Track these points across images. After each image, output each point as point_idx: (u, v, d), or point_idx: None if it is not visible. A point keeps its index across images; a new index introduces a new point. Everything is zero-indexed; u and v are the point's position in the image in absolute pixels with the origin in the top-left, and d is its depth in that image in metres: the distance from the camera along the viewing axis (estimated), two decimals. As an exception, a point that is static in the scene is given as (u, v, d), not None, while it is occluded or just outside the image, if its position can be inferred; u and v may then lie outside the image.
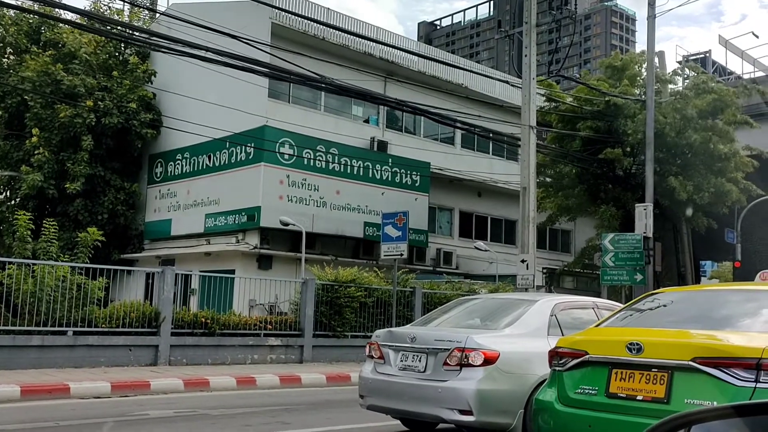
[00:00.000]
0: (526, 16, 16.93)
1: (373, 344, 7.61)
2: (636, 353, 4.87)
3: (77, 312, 12.35)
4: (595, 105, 23.15)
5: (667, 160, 22.55)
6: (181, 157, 25.29)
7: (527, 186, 16.49)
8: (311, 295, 15.47)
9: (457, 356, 6.72)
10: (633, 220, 18.81)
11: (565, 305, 7.79)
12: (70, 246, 16.34)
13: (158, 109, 25.86)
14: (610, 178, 24.10)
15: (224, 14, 21.02)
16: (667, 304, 5.88)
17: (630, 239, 18.04)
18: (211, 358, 13.78)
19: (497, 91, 28.62)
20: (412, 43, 31.91)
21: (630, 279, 17.96)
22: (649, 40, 20.33)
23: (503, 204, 29.57)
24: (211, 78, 20.60)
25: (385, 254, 16.50)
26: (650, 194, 19.18)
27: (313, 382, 12.66)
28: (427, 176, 26.22)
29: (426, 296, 17.67)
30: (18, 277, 11.91)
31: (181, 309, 14.07)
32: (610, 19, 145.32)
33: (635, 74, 24.06)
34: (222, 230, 23.24)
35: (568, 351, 5.38)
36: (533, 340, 7.05)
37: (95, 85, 24.18)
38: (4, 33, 24.98)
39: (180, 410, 9.19)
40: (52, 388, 9.85)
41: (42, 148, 23.45)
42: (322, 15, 24.03)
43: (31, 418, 8.18)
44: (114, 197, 24.91)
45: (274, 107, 23.19)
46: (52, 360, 11.79)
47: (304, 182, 22.96)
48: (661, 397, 4.71)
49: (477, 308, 8.23)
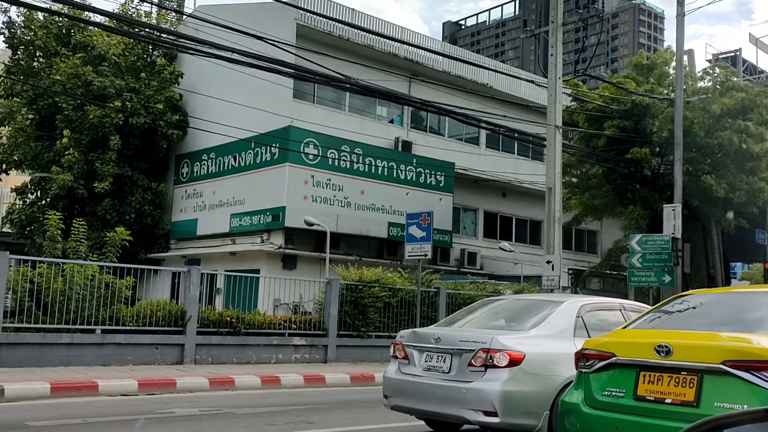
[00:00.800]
0: (553, 15, 16.80)
1: (397, 344, 7.59)
2: (665, 356, 4.80)
3: (105, 310, 12.49)
4: (622, 104, 22.92)
5: (698, 159, 22.26)
6: (207, 158, 25.49)
7: (553, 186, 16.36)
8: (335, 295, 15.49)
9: (482, 357, 6.68)
10: (661, 220, 18.57)
11: (592, 306, 7.72)
12: (99, 245, 16.54)
13: (184, 109, 26.09)
14: (638, 178, 23.82)
15: (250, 16, 21.16)
16: (697, 306, 5.80)
17: (658, 240, 17.81)
18: (236, 357, 13.86)
19: (522, 91, 28.46)
20: (437, 43, 31.85)
21: (658, 280, 17.73)
22: (678, 38, 20.06)
23: (528, 204, 29.39)
24: (236, 79, 20.76)
25: (410, 255, 16.47)
26: (679, 194, 18.92)
27: (337, 381, 12.68)
28: (451, 176, 26.14)
29: (450, 297, 17.61)
30: (48, 276, 12.08)
31: (206, 308, 14.18)
32: (638, 18, 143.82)
33: (663, 73, 23.77)
34: (247, 230, 23.37)
35: (595, 353, 5.32)
36: (559, 341, 6.99)
37: (123, 86, 24.47)
38: (34, 37, 25.35)
39: (205, 409, 9.26)
40: (81, 386, 9.98)
41: (72, 148, 23.78)
42: (347, 16, 24.08)
43: (60, 415, 8.29)
44: (141, 197, 25.19)
45: (299, 108, 23.28)
46: (80, 358, 11.95)
47: (329, 182, 23.01)
48: (690, 401, 4.64)
49: (502, 309, 8.18)
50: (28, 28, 25.31)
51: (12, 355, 11.28)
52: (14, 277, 11.94)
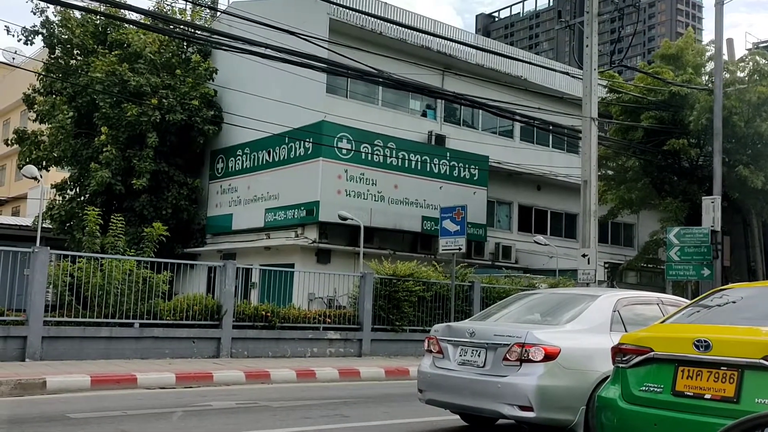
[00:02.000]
0: (588, 6, 16.57)
1: (431, 339, 7.58)
2: (704, 351, 4.72)
3: (143, 305, 12.69)
4: (659, 95, 22.52)
5: (737, 150, 21.81)
6: (242, 153, 25.72)
7: (588, 179, 16.17)
8: (369, 289, 15.53)
9: (517, 351, 6.64)
10: (700, 213, 18.25)
11: (629, 301, 7.62)
12: (136, 240, 16.80)
13: (219, 105, 26.34)
14: (675, 170, 23.43)
15: (283, 11, 21.25)
16: (737, 301, 5.68)
17: (696, 233, 17.51)
18: (272, 350, 13.98)
19: (557, 83, 28.16)
20: (470, 36, 31.64)
21: (697, 274, 17.43)
22: (717, 27, 19.66)
23: (563, 197, 29.10)
24: (270, 74, 20.89)
25: (443, 248, 16.43)
26: (718, 186, 18.57)
27: (372, 375, 12.71)
28: (485, 170, 25.99)
29: (485, 291, 17.54)
30: (87, 271, 12.30)
31: (242, 302, 14.33)
32: (676, 6, 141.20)
33: (699, 63, 23.28)
34: (281, 225, 23.54)
35: (633, 347, 5.26)
36: (595, 336, 6.92)
37: (159, 83, 24.79)
38: (71, 35, 25.78)
39: (241, 401, 9.35)
40: (120, 378, 10.16)
41: (110, 145, 24.17)
42: (379, 10, 24.05)
43: (100, 407, 8.45)
44: (177, 192, 25.51)
45: (332, 102, 23.34)
46: (119, 351, 12.17)
47: (362, 177, 23.05)
48: (730, 396, 4.56)
49: (537, 303, 8.12)
50: (66, 26, 25.74)
51: (53, 348, 11.53)
52: (55, 272, 12.20)
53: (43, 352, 11.37)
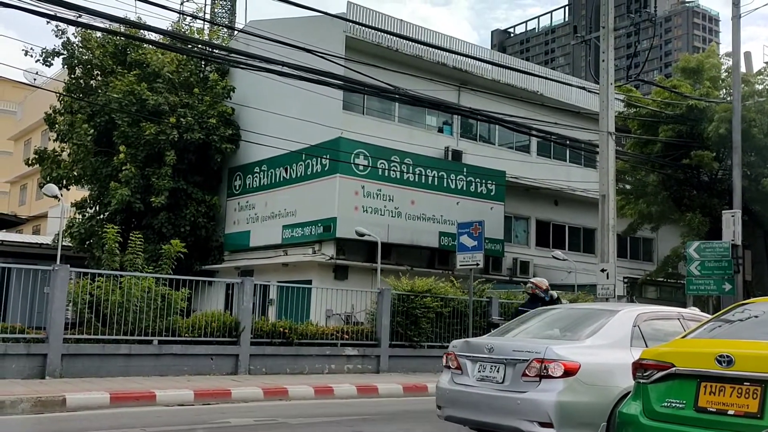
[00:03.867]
0: (603, 21, 16.56)
1: (450, 354, 7.55)
2: (726, 366, 4.67)
3: (162, 322, 12.75)
4: (677, 108, 22.41)
5: (757, 163, 21.62)
6: (259, 170, 25.86)
7: (606, 193, 16.09)
8: (387, 305, 15.50)
9: (537, 367, 6.59)
10: (720, 227, 18.07)
11: (649, 315, 7.55)
12: (155, 258, 16.89)
13: (237, 123, 26.54)
14: (695, 184, 23.24)
15: (299, 29, 21.42)
16: (759, 315, 5.61)
17: (717, 247, 17.32)
18: (290, 367, 13.97)
19: (574, 98, 28.11)
20: (486, 52, 31.70)
21: (718, 289, 17.23)
22: (735, 41, 19.54)
23: (581, 212, 28.95)
24: (287, 92, 21.02)
25: (461, 264, 16.38)
26: (738, 200, 18.38)
27: (390, 392, 12.66)
28: (502, 185, 25.94)
29: (503, 306, 17.44)
30: (107, 288, 12.40)
31: (260, 319, 14.34)
32: (692, 21, 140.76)
33: (716, 76, 23.17)
34: (299, 241, 23.59)
35: (654, 363, 5.20)
36: (615, 351, 6.86)
37: (177, 102, 25.03)
38: (91, 56, 26.15)
39: (260, 418, 9.35)
40: (139, 395, 10.19)
41: (129, 164, 24.40)
42: (395, 27, 24.18)
43: (119, 424, 8.47)
44: (195, 210, 25.67)
45: (349, 119, 23.44)
46: (138, 368, 12.21)
47: (379, 193, 23.08)
48: (754, 412, 4.49)
49: (556, 319, 8.06)
50: (86, 47, 26.11)
51: (73, 365, 11.60)
52: (75, 290, 12.29)
53: (62, 369, 11.44)
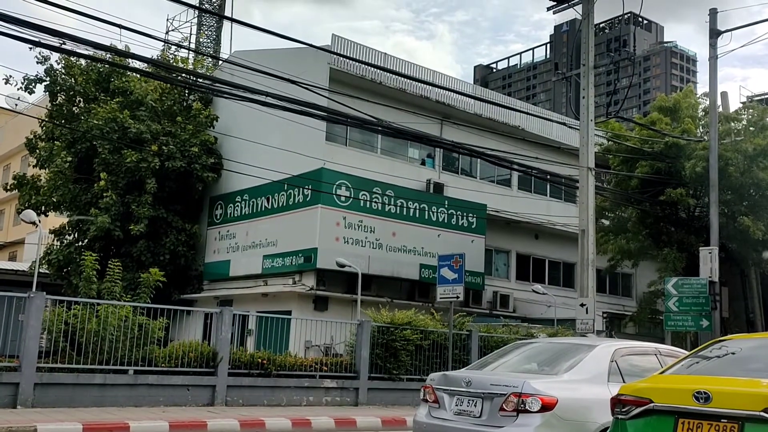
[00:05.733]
0: (584, 59, 16.86)
1: (427, 388, 7.51)
2: (704, 402, 4.68)
3: (138, 351, 12.58)
4: (656, 145, 22.75)
5: (734, 201, 21.94)
6: (241, 200, 25.80)
7: (586, 228, 16.22)
8: (367, 337, 15.42)
9: (514, 402, 6.57)
10: (698, 263, 18.26)
11: (626, 351, 7.58)
12: (133, 286, 16.73)
13: (219, 152, 26.53)
14: (673, 220, 23.51)
15: (284, 60, 21.57)
16: (736, 352, 5.66)
17: (695, 283, 17.49)
18: (267, 399, 13.81)
19: (554, 133, 28.45)
20: (469, 86, 32.06)
21: (695, 325, 17.36)
22: (711, 81, 19.96)
23: (561, 246, 29.11)
24: (270, 122, 21.10)
25: (441, 297, 16.37)
26: (715, 237, 18.61)
27: (369, 425, 12.54)
28: (483, 218, 26.06)
29: (482, 340, 17.42)
30: (83, 317, 12.23)
31: (238, 349, 14.19)
32: (670, 60, 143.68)
33: (693, 115, 23.59)
34: (279, 271, 23.47)
35: (632, 398, 5.21)
36: (593, 386, 6.86)
37: (160, 130, 24.99)
38: (74, 83, 26.10)
39: (235, 451, 9.20)
40: (113, 427, 10.01)
41: (109, 191, 24.24)
42: (379, 60, 24.42)
43: (91, 456, 8.30)
44: (175, 238, 25.49)
45: (332, 150, 23.52)
46: (113, 398, 12.01)
47: (361, 224, 23.09)
48: (731, 450, 4.50)
49: (534, 353, 8.06)
50: (69, 74, 26.06)
51: (45, 395, 11.39)
52: (50, 318, 12.12)
53: (35, 399, 11.22)
